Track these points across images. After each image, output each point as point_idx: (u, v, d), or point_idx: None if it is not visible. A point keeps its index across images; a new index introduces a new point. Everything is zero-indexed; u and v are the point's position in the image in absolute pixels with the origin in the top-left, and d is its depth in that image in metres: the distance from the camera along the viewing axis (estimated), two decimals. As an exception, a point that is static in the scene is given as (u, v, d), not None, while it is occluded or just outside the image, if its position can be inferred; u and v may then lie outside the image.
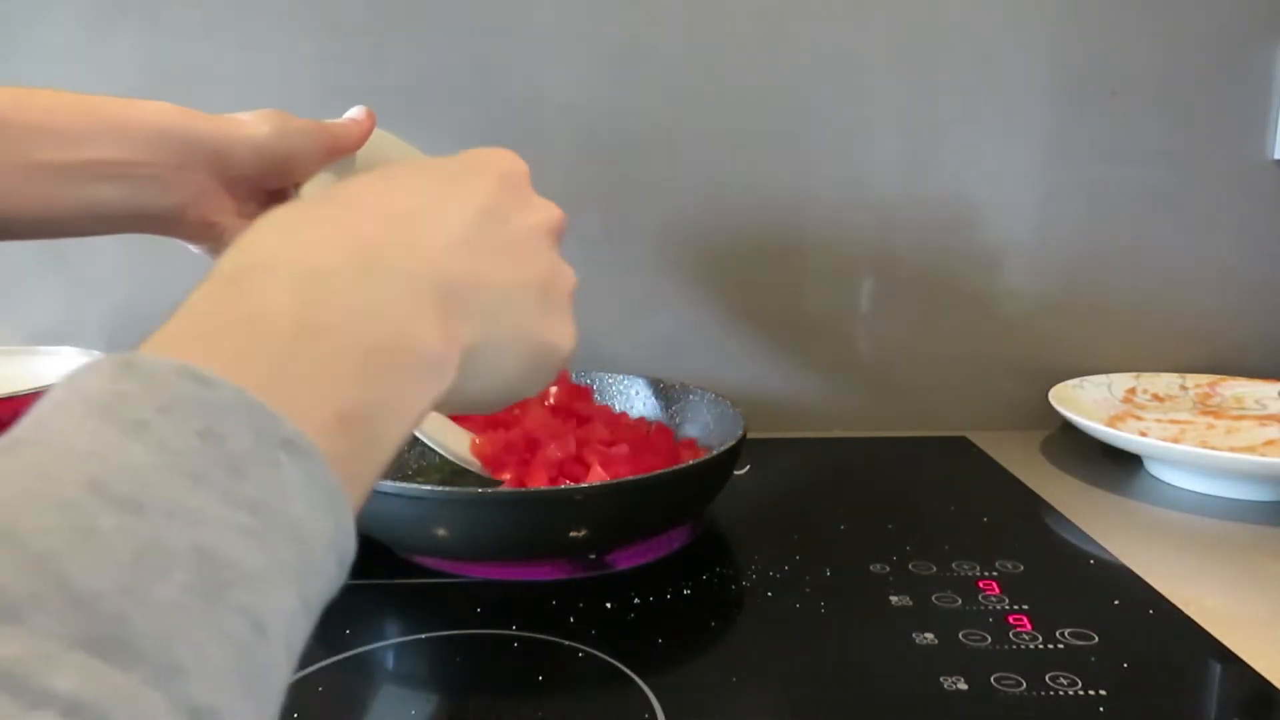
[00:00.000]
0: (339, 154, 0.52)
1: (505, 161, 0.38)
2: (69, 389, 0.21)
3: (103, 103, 0.45)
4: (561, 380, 0.70)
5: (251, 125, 0.48)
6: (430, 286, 0.30)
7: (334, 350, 0.25)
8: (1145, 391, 0.86)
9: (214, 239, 0.50)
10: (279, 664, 0.20)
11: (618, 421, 0.69)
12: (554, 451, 0.62)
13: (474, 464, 0.61)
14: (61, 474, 0.19)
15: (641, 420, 0.73)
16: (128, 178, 0.46)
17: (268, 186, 0.50)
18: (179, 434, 0.20)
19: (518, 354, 0.35)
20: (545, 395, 0.69)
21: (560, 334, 0.38)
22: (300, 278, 0.26)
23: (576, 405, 0.69)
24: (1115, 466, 0.78)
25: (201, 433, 0.20)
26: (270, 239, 0.27)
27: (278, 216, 0.28)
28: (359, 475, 0.25)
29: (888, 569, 0.59)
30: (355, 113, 0.53)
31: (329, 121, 0.52)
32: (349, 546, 0.24)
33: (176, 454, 0.20)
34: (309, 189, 0.50)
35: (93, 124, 0.45)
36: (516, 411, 0.66)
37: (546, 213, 0.38)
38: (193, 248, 0.52)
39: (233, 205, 0.50)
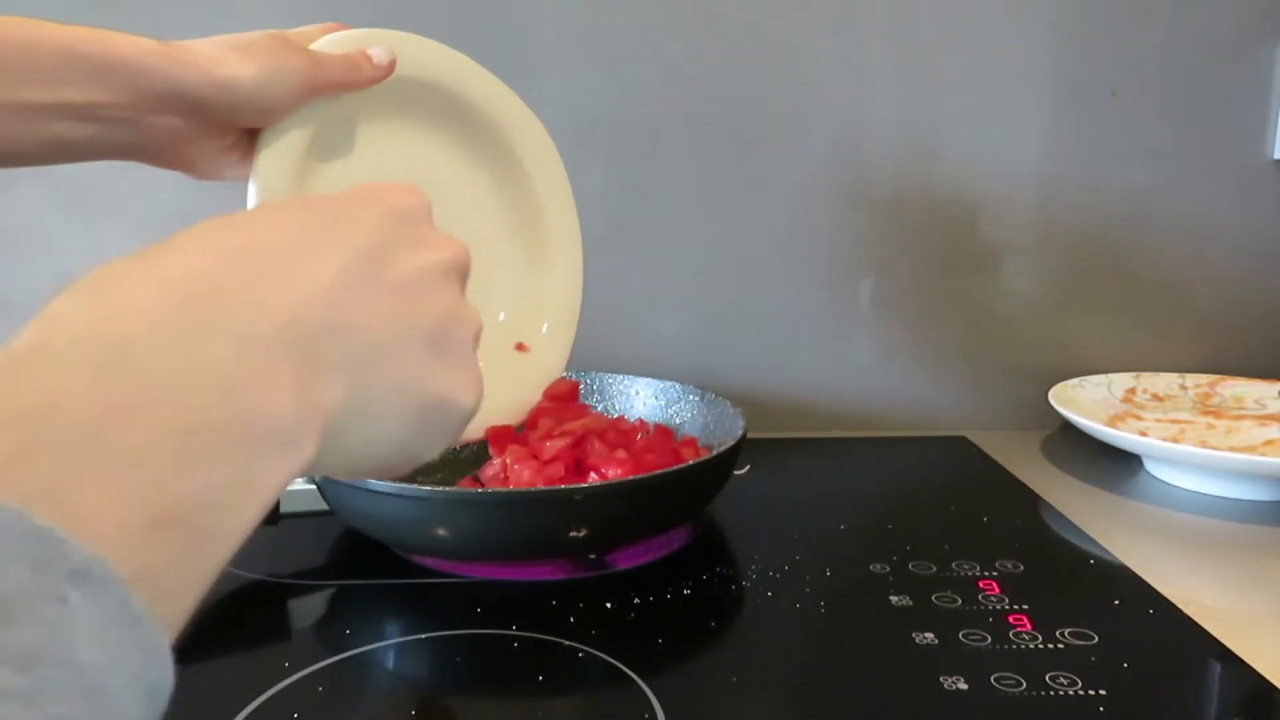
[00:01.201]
0: (331, 93, 0.48)
1: (396, 195, 0.34)
2: None
3: (82, 39, 0.43)
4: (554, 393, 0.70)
5: (237, 68, 0.45)
6: (281, 343, 0.25)
7: (143, 437, 0.21)
8: (1145, 391, 0.86)
9: (191, 170, 0.49)
10: None
11: (617, 425, 0.69)
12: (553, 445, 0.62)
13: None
14: None
15: (640, 422, 0.73)
16: (102, 119, 0.44)
17: (247, 126, 0.48)
18: None
19: (402, 411, 0.31)
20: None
21: (456, 385, 0.33)
22: (101, 349, 0.22)
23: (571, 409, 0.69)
24: (1115, 466, 0.78)
25: None
26: (75, 305, 0.23)
27: (94, 274, 0.24)
28: (183, 583, 0.22)
29: (888, 569, 0.59)
30: (377, 55, 0.49)
31: (329, 57, 0.48)
32: (162, 678, 0.20)
33: None
34: (269, 137, 0.47)
35: (70, 64, 0.43)
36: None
37: (443, 250, 0.34)
38: None
39: (212, 144, 0.48)
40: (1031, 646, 0.50)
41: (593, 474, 0.62)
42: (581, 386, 0.78)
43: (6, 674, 0.17)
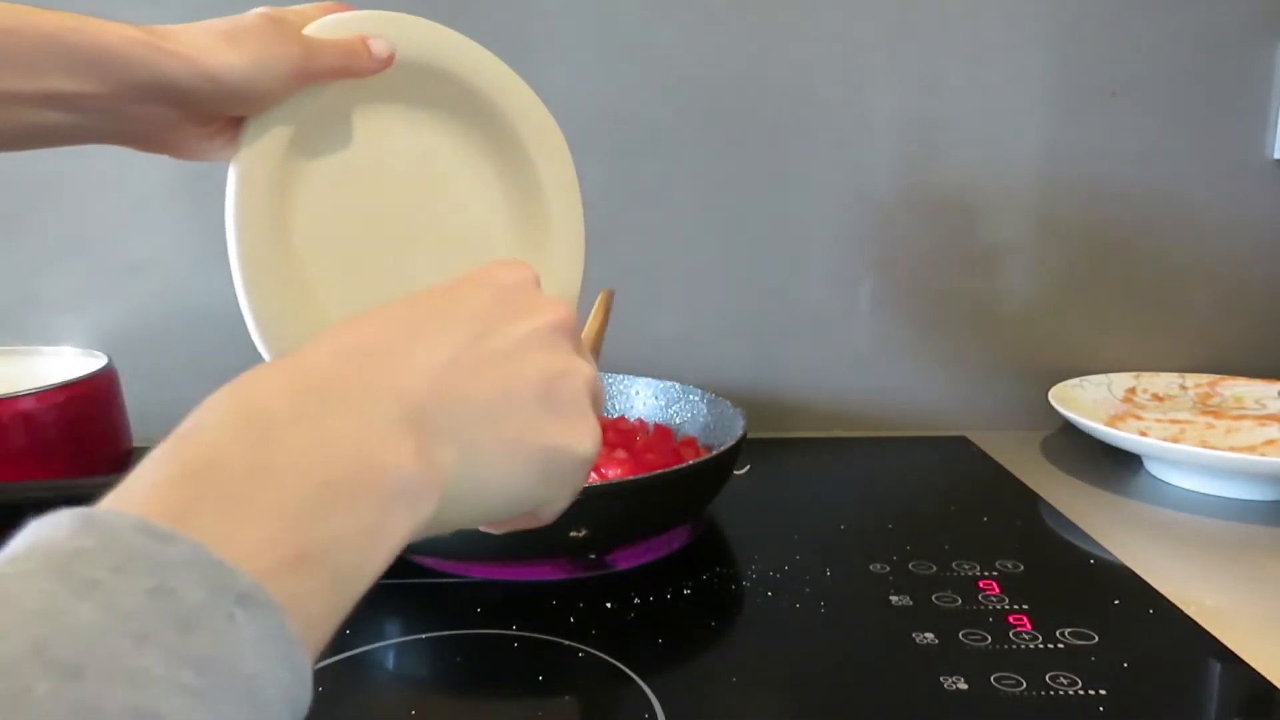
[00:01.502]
0: (325, 81, 0.47)
1: (503, 273, 0.37)
2: (32, 541, 0.21)
3: (66, 28, 0.42)
4: None
5: (225, 58, 0.44)
6: (397, 417, 0.29)
7: (286, 488, 0.25)
8: (1145, 391, 0.86)
9: (176, 154, 0.48)
10: None
11: (617, 425, 0.69)
12: None
13: None
14: (8, 634, 0.19)
15: (640, 422, 0.73)
16: (85, 109, 0.43)
17: (235, 115, 0.47)
18: (130, 593, 0.20)
19: (518, 464, 0.34)
20: None
21: (572, 435, 0.35)
22: (247, 421, 0.26)
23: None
24: (1115, 466, 0.78)
25: (153, 590, 0.21)
26: (221, 396, 0.27)
27: (237, 378, 0.28)
28: (324, 613, 0.25)
29: (888, 569, 0.59)
30: (377, 47, 0.48)
31: (324, 45, 0.46)
32: (304, 697, 0.23)
33: (125, 615, 0.20)
34: (253, 126, 0.46)
35: (53, 53, 0.42)
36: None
37: (545, 315, 0.36)
38: None
39: (198, 130, 0.47)
40: (1031, 646, 0.50)
41: (593, 474, 0.62)
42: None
43: (188, 674, 0.20)
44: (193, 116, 0.46)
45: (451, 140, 0.55)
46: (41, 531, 0.22)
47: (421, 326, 0.33)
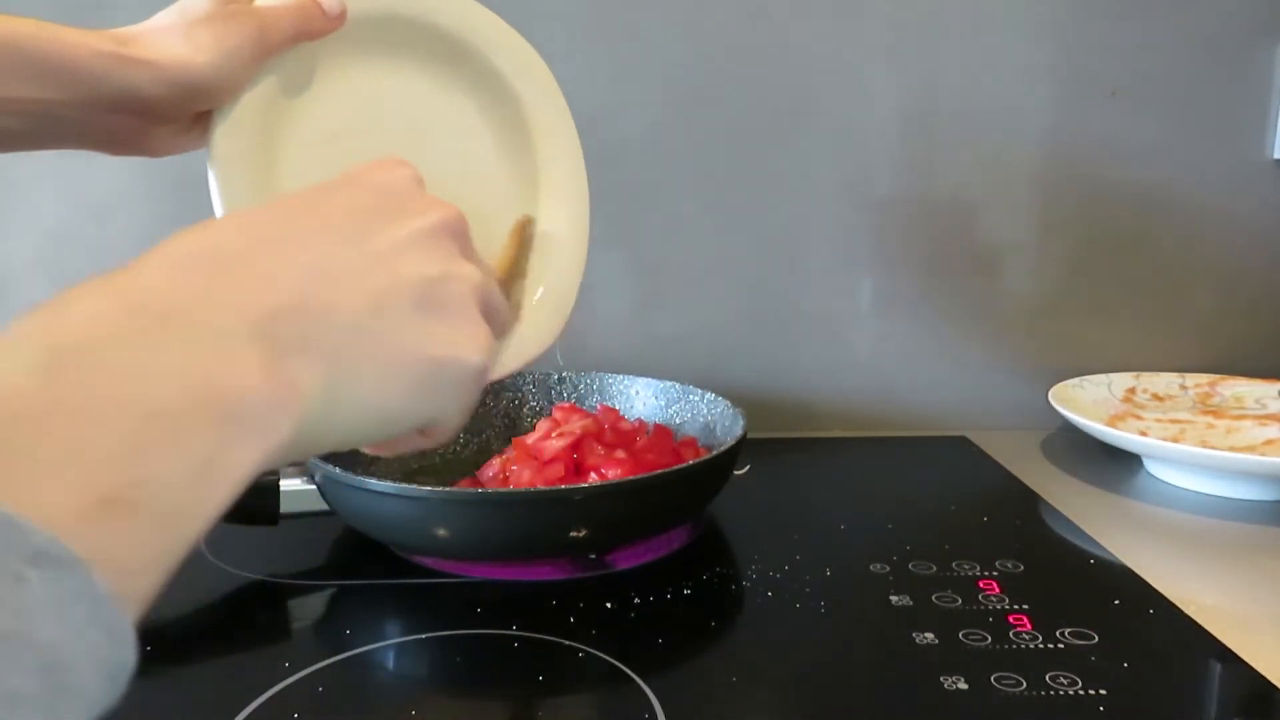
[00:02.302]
0: (285, 49, 0.46)
1: (375, 172, 0.34)
2: None
3: (26, 35, 0.42)
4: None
5: (188, 58, 0.43)
6: (242, 328, 0.26)
7: (92, 428, 0.22)
8: (1145, 391, 0.86)
9: (147, 154, 0.48)
10: None
11: (617, 426, 0.69)
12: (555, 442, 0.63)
13: None
14: None
15: (640, 422, 0.73)
16: (49, 116, 0.43)
17: (203, 110, 0.46)
18: None
19: (394, 378, 0.31)
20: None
21: (456, 344, 0.33)
22: (51, 353, 0.22)
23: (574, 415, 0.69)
24: (1115, 466, 0.78)
25: None
26: (32, 319, 0.24)
27: (58, 296, 0.25)
28: (149, 560, 0.22)
29: (888, 569, 0.59)
30: (328, 3, 0.47)
31: (276, 13, 0.45)
32: (125, 659, 0.21)
33: None
34: (223, 112, 0.45)
35: (15, 61, 0.41)
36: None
37: (429, 215, 0.34)
38: None
39: (166, 129, 0.47)
40: (1031, 646, 0.50)
41: (592, 474, 0.62)
42: (581, 386, 0.78)
43: None
44: (160, 119, 0.46)
45: (430, 84, 0.52)
46: None
47: (282, 231, 0.30)
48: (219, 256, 0.27)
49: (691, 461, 0.59)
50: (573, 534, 0.56)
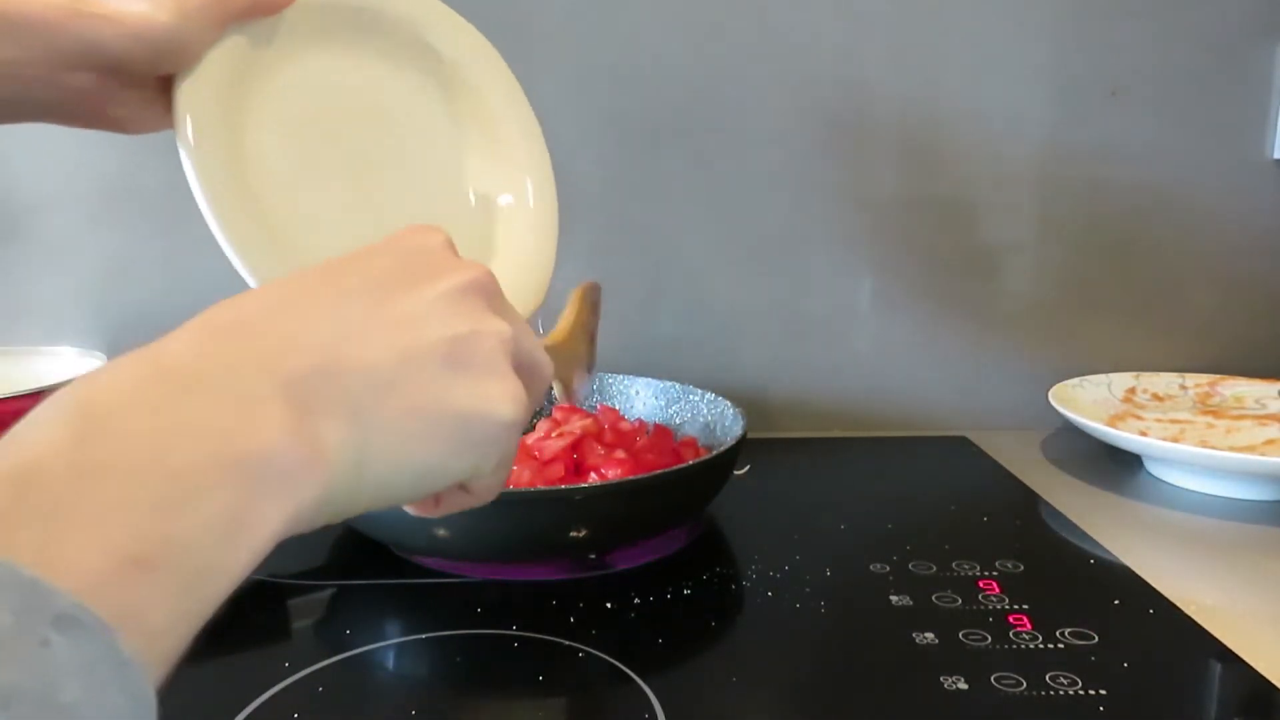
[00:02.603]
0: (244, 19, 0.46)
1: (415, 237, 0.34)
2: None
3: None
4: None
5: (149, 14, 0.43)
6: (266, 390, 0.26)
7: (120, 489, 0.22)
8: (1145, 391, 0.86)
9: (121, 128, 0.47)
10: None
11: (616, 426, 0.69)
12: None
13: None
14: None
15: (640, 422, 0.73)
16: (15, 78, 0.43)
17: (165, 74, 0.46)
18: None
19: (424, 435, 0.31)
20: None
21: (484, 398, 0.32)
22: (82, 416, 0.23)
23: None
24: (1115, 466, 0.78)
25: None
26: (63, 391, 0.24)
27: (84, 375, 0.25)
28: (174, 621, 0.23)
29: (888, 569, 0.59)
30: None
31: None
32: (148, 718, 0.21)
33: None
34: (185, 81, 0.45)
35: None
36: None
37: (457, 276, 0.33)
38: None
39: (133, 96, 0.46)
40: (1031, 646, 0.50)
41: (592, 474, 0.62)
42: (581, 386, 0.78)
43: None
44: (126, 81, 0.45)
45: (392, 70, 0.53)
46: None
47: (309, 298, 0.30)
48: (245, 324, 0.28)
49: (691, 461, 0.59)
50: (573, 534, 0.56)
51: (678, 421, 0.74)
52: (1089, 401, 0.82)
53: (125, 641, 0.20)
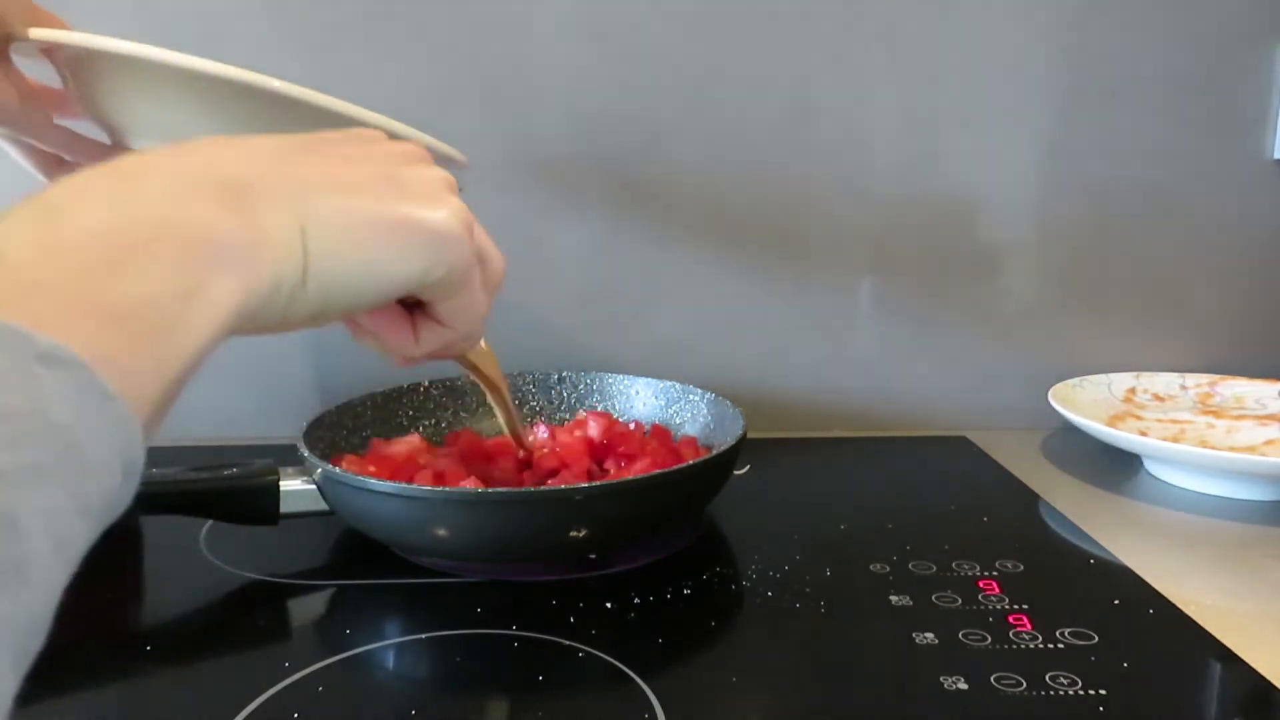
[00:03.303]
0: None
1: (357, 130, 0.39)
2: None
3: None
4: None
5: None
6: (210, 183, 0.29)
7: (79, 256, 0.25)
8: (1145, 391, 0.86)
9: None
10: (37, 556, 0.21)
11: (616, 425, 0.69)
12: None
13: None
14: None
15: (638, 425, 0.73)
16: None
17: None
18: None
19: (366, 227, 0.34)
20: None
21: (423, 205, 0.36)
22: (40, 209, 0.26)
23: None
24: (1115, 466, 0.78)
25: None
26: (29, 195, 0.27)
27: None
28: (145, 368, 0.25)
29: (888, 569, 0.59)
30: None
31: None
32: (133, 447, 0.24)
33: None
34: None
35: None
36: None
37: (404, 146, 0.38)
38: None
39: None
40: (1031, 646, 0.50)
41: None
42: (581, 386, 0.78)
43: None
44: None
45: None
46: None
47: (257, 142, 0.33)
48: (192, 150, 0.31)
49: (691, 461, 0.59)
50: (573, 534, 0.56)
51: (678, 421, 0.74)
52: (1089, 401, 0.82)
53: (103, 376, 0.23)
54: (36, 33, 0.45)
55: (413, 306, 0.41)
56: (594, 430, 0.67)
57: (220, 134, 0.42)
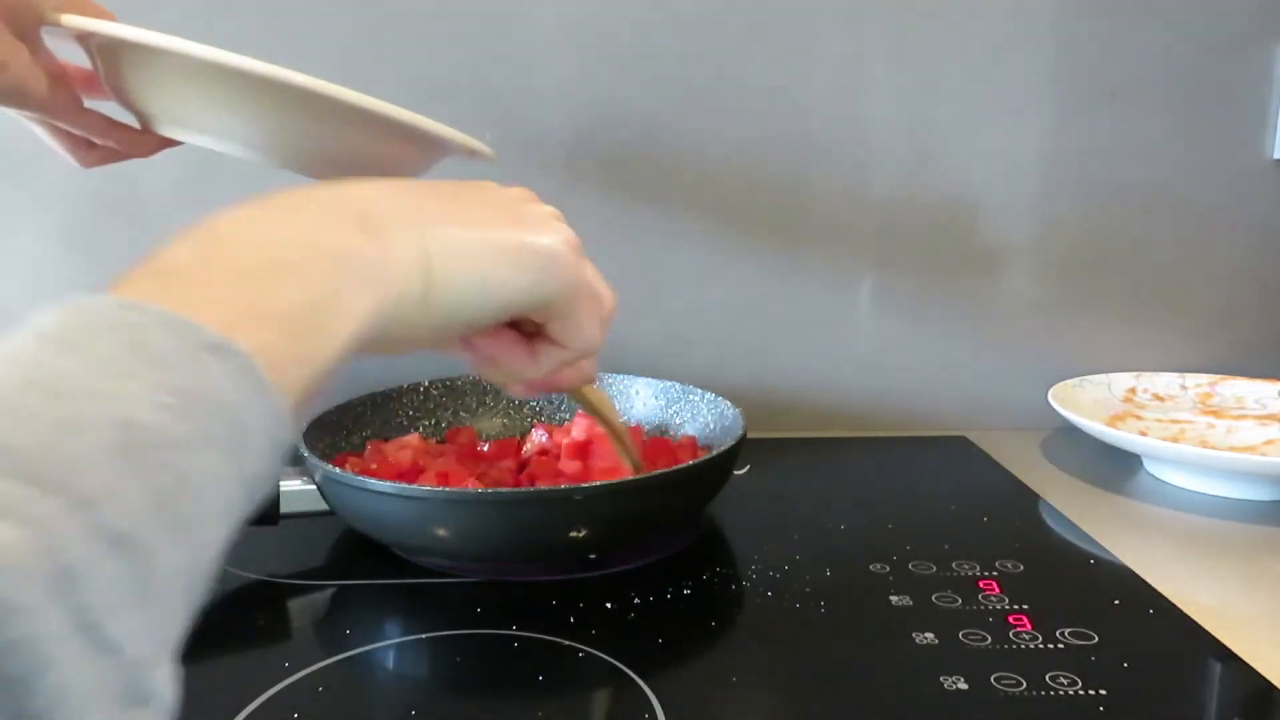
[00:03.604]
0: None
1: (495, 187, 0.43)
2: (26, 327, 0.24)
3: None
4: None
5: None
6: (347, 214, 0.34)
7: (236, 269, 0.29)
8: (1145, 391, 0.86)
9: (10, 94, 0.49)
10: (209, 515, 0.24)
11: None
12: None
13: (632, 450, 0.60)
14: (1, 379, 0.22)
15: (638, 427, 0.73)
16: None
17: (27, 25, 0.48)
18: (108, 346, 0.23)
19: (484, 248, 0.38)
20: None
21: (536, 232, 0.40)
22: (202, 232, 0.30)
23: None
24: (1115, 466, 0.78)
25: (128, 344, 0.24)
26: (187, 228, 0.31)
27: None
28: (292, 360, 0.28)
29: (888, 569, 0.59)
30: None
31: None
32: (282, 432, 0.27)
33: (104, 360, 0.23)
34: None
35: None
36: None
37: (514, 189, 0.43)
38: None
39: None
40: (1031, 646, 0.50)
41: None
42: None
43: (165, 396, 0.23)
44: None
45: None
46: (33, 320, 0.24)
47: (392, 184, 0.38)
48: (333, 190, 0.35)
49: (691, 462, 0.59)
50: (573, 534, 0.56)
51: (678, 421, 0.74)
52: (1089, 401, 0.82)
53: (260, 367, 0.26)
54: (68, 19, 0.46)
55: (530, 335, 0.43)
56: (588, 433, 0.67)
57: (245, 125, 0.45)
